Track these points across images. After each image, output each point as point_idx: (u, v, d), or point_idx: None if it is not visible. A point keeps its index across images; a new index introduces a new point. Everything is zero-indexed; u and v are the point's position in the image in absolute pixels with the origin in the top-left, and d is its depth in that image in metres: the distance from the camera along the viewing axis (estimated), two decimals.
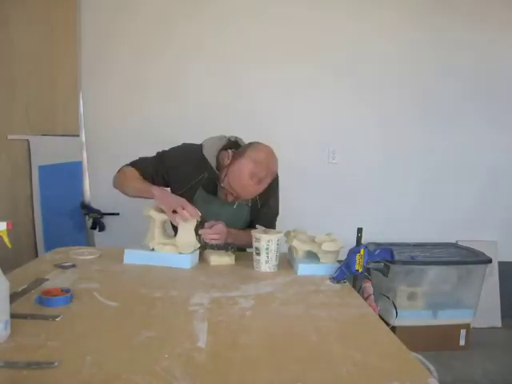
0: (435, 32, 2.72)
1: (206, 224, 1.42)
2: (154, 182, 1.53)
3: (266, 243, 1.32)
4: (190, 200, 1.46)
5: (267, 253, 1.33)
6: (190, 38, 2.56)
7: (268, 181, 1.42)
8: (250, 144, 1.48)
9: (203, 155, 1.52)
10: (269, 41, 2.61)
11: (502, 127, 2.85)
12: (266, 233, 1.36)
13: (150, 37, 2.53)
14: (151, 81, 2.55)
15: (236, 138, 1.59)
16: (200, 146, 1.56)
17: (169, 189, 1.57)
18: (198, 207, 1.40)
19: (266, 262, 1.34)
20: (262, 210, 1.61)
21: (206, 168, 1.51)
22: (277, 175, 1.58)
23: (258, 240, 1.33)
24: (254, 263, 1.37)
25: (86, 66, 2.49)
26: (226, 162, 1.45)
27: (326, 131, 2.72)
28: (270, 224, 1.58)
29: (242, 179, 1.38)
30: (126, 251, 1.39)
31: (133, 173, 1.54)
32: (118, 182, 1.56)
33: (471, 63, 2.77)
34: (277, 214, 1.67)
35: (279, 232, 1.38)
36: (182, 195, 1.45)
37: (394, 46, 2.71)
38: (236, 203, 1.54)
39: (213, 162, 1.51)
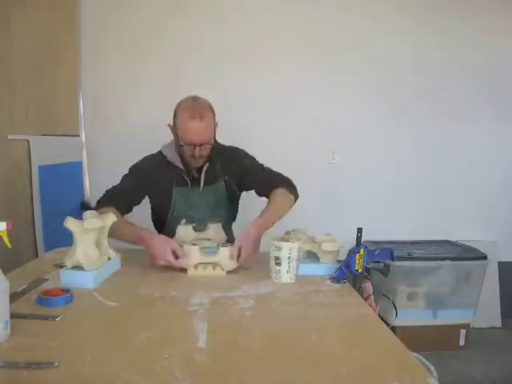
0: (437, 30, 2.72)
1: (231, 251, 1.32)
2: (135, 203, 1.57)
3: (289, 252, 1.23)
4: (171, 200, 1.56)
5: (289, 262, 1.24)
6: (190, 37, 2.56)
7: (209, 115, 1.49)
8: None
9: (165, 157, 1.60)
10: (269, 40, 2.60)
11: (503, 127, 2.85)
12: (285, 240, 1.29)
13: (150, 37, 2.53)
14: (151, 81, 2.55)
15: None
16: (159, 151, 1.65)
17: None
18: (179, 204, 1.54)
19: (287, 272, 1.25)
20: (248, 176, 1.61)
21: (171, 167, 1.58)
22: (240, 152, 1.66)
23: (278, 249, 1.24)
24: (273, 274, 1.26)
25: (85, 66, 2.49)
26: (172, 130, 1.56)
27: (326, 131, 2.72)
28: (269, 176, 1.60)
29: (187, 126, 1.45)
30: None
31: (113, 217, 1.31)
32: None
33: (471, 63, 2.77)
34: (265, 168, 1.65)
35: (298, 239, 1.30)
36: (157, 198, 1.57)
37: (394, 45, 2.71)
38: (209, 185, 1.58)
39: (174, 156, 1.58)
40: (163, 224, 1.65)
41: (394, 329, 2.17)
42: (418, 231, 2.83)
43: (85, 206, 2.48)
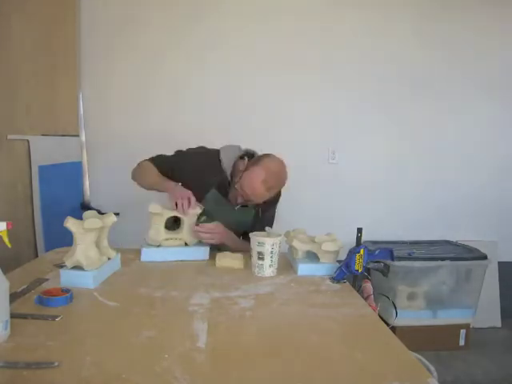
0: (436, 29, 2.72)
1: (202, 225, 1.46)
2: (169, 178, 1.59)
3: (271, 247, 1.28)
4: (203, 197, 1.56)
5: (271, 256, 1.29)
6: (190, 38, 2.56)
7: (276, 190, 1.53)
8: (266, 154, 1.59)
9: (219, 159, 1.63)
10: (269, 41, 2.61)
11: (503, 127, 2.85)
12: (267, 236, 1.33)
13: (150, 37, 2.53)
14: (151, 81, 2.55)
15: (254, 151, 1.70)
16: (217, 151, 1.66)
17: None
18: (209, 206, 1.54)
19: (269, 266, 1.30)
20: (259, 218, 1.65)
21: (221, 171, 1.61)
22: (280, 191, 1.68)
23: (261, 244, 1.28)
24: (256, 269, 1.31)
25: (85, 66, 2.49)
26: (242, 167, 1.57)
27: (326, 131, 2.72)
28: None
29: (255, 183, 1.46)
30: (143, 250, 1.42)
31: (150, 167, 1.62)
32: (136, 175, 1.65)
33: (472, 63, 2.78)
34: (270, 225, 1.69)
35: (279, 234, 1.35)
36: (195, 193, 1.50)
37: (394, 45, 2.71)
38: (244, 207, 1.60)
39: (228, 167, 1.62)
40: None
41: (393, 329, 2.17)
42: (418, 231, 2.83)
43: (85, 206, 2.49)
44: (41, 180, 2.25)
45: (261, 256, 1.29)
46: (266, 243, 1.28)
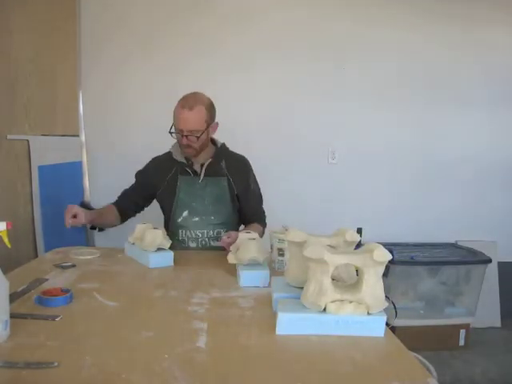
0: (435, 29, 2.72)
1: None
2: (145, 201, 1.76)
3: None
4: (175, 188, 1.65)
5: None
6: (190, 38, 2.56)
7: (201, 108, 1.56)
8: None
9: (170, 153, 1.71)
10: (269, 40, 2.60)
11: (503, 127, 2.85)
12: (284, 233, 1.32)
13: (150, 37, 2.52)
14: (151, 81, 2.55)
15: None
16: (168, 151, 1.74)
17: None
18: (183, 193, 1.65)
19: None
20: (247, 198, 1.72)
21: (176, 162, 1.68)
22: (249, 163, 1.76)
23: (281, 241, 1.31)
24: (276, 264, 1.35)
25: (85, 66, 2.49)
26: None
27: (326, 131, 2.72)
28: (257, 212, 1.78)
29: (177, 113, 1.56)
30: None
31: (108, 209, 1.79)
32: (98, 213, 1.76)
33: (476, 62, 2.78)
34: (260, 199, 1.81)
35: None
36: (163, 190, 1.68)
37: (393, 45, 2.71)
38: (210, 178, 1.66)
39: (177, 152, 1.68)
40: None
41: (393, 329, 2.17)
42: (418, 231, 2.83)
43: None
44: (41, 180, 2.25)
45: (281, 252, 1.33)
46: (286, 240, 1.28)
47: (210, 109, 1.62)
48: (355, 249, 1.23)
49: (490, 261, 2.53)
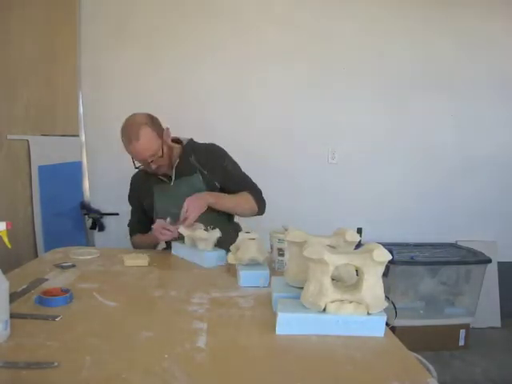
0: (435, 29, 2.72)
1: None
2: (147, 222, 1.69)
3: None
4: (153, 199, 1.67)
5: None
6: (191, 38, 2.56)
7: (146, 130, 1.50)
8: None
9: (143, 170, 1.68)
10: (269, 40, 2.61)
11: (503, 127, 2.85)
12: (283, 233, 1.34)
13: (150, 37, 2.53)
14: (151, 81, 2.55)
15: (178, 138, 1.72)
16: (139, 166, 1.69)
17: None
18: (159, 201, 1.65)
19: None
20: (228, 180, 1.67)
21: (149, 174, 1.66)
22: (218, 148, 1.71)
23: (281, 241, 1.32)
24: (276, 264, 1.36)
25: (85, 66, 2.49)
26: None
27: (326, 131, 2.72)
28: (243, 185, 1.68)
29: (128, 149, 1.52)
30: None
31: (136, 240, 1.77)
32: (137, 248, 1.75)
33: (477, 64, 2.78)
34: (243, 174, 1.73)
35: None
36: (147, 202, 1.69)
37: (394, 45, 2.71)
38: (183, 178, 1.64)
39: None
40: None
41: (393, 329, 2.17)
42: (418, 231, 2.83)
43: (84, 206, 2.49)
44: (41, 180, 2.25)
45: (281, 252, 1.34)
46: (285, 240, 1.30)
47: (153, 122, 1.56)
48: (355, 249, 1.23)
49: (489, 261, 2.53)
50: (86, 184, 2.52)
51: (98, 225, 2.48)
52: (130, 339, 0.85)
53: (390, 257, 0.88)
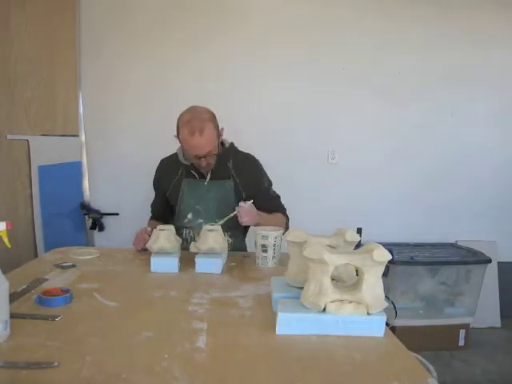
0: (435, 29, 2.72)
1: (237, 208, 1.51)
2: (167, 207, 1.74)
3: (274, 240, 1.39)
4: (180, 191, 1.65)
5: (274, 249, 1.40)
6: (191, 38, 2.56)
7: (210, 127, 1.49)
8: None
9: (176, 155, 1.70)
10: (269, 40, 2.60)
11: (502, 127, 2.85)
12: (268, 230, 1.42)
13: (150, 37, 2.52)
14: (151, 81, 2.55)
15: None
16: (175, 153, 1.73)
17: None
18: (186, 195, 1.64)
19: (272, 258, 1.41)
20: (261, 196, 1.65)
21: (182, 164, 1.67)
22: (257, 162, 1.73)
23: (265, 237, 1.39)
24: (259, 260, 1.42)
25: (85, 66, 2.49)
26: (179, 144, 1.60)
27: (326, 131, 2.72)
28: (276, 206, 1.73)
29: (188, 141, 1.48)
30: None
31: (151, 223, 1.72)
32: None
33: (475, 62, 2.78)
34: (276, 195, 1.77)
35: (280, 228, 1.46)
36: (170, 192, 1.68)
37: (394, 45, 2.71)
38: (216, 180, 1.64)
39: (180, 154, 1.68)
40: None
41: (393, 329, 2.17)
42: (418, 231, 2.83)
43: (84, 206, 2.49)
44: (41, 180, 2.25)
45: (264, 248, 1.40)
46: (269, 236, 1.39)
47: (215, 120, 1.55)
48: (355, 249, 1.23)
49: (489, 261, 2.53)
50: (86, 184, 2.52)
51: (98, 225, 2.48)
52: (130, 339, 0.85)
53: (389, 257, 0.88)
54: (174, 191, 1.68)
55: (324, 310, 0.88)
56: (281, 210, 1.74)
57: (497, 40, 2.77)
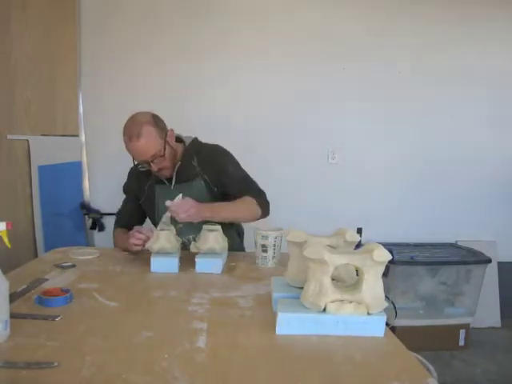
0: (435, 29, 2.72)
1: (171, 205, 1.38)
2: (137, 218, 1.69)
3: (274, 240, 1.39)
4: (154, 198, 1.61)
5: (274, 249, 1.40)
6: (191, 38, 2.56)
7: (149, 130, 1.45)
8: None
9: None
10: (269, 40, 2.61)
11: (502, 128, 2.85)
12: (268, 230, 1.41)
13: (150, 37, 2.52)
14: (151, 81, 2.55)
15: (180, 135, 1.67)
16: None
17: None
18: (161, 202, 1.52)
19: (272, 258, 1.41)
20: (226, 180, 1.58)
21: (150, 172, 1.58)
22: (221, 150, 1.65)
23: (265, 237, 1.39)
24: (259, 260, 1.42)
25: (85, 66, 2.49)
26: None
27: (325, 131, 2.72)
28: (244, 188, 1.58)
29: (128, 146, 1.46)
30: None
31: (117, 235, 1.66)
32: (116, 245, 1.67)
33: (476, 62, 2.78)
34: (244, 176, 1.63)
35: (281, 228, 1.43)
36: (144, 201, 1.65)
37: (393, 45, 2.71)
38: (184, 183, 1.57)
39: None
40: None
41: (393, 329, 2.17)
42: (418, 231, 2.83)
43: (84, 206, 2.49)
44: (41, 180, 2.25)
45: (264, 248, 1.40)
46: (269, 236, 1.39)
47: (156, 122, 1.50)
48: (355, 249, 1.23)
49: (489, 261, 2.53)
50: (86, 184, 2.52)
51: (98, 225, 2.48)
52: (130, 339, 0.85)
53: (389, 257, 0.88)
54: (148, 198, 1.62)
55: (324, 310, 0.88)
56: (251, 192, 1.56)
57: (497, 40, 2.77)
